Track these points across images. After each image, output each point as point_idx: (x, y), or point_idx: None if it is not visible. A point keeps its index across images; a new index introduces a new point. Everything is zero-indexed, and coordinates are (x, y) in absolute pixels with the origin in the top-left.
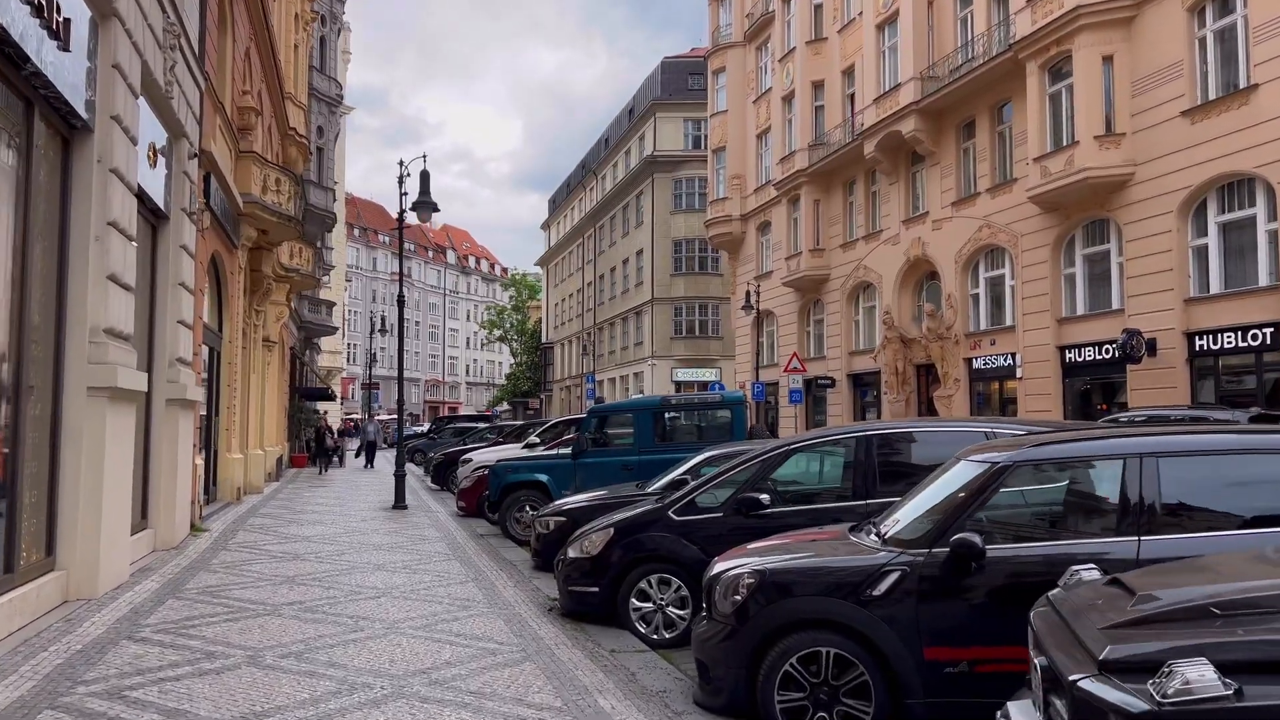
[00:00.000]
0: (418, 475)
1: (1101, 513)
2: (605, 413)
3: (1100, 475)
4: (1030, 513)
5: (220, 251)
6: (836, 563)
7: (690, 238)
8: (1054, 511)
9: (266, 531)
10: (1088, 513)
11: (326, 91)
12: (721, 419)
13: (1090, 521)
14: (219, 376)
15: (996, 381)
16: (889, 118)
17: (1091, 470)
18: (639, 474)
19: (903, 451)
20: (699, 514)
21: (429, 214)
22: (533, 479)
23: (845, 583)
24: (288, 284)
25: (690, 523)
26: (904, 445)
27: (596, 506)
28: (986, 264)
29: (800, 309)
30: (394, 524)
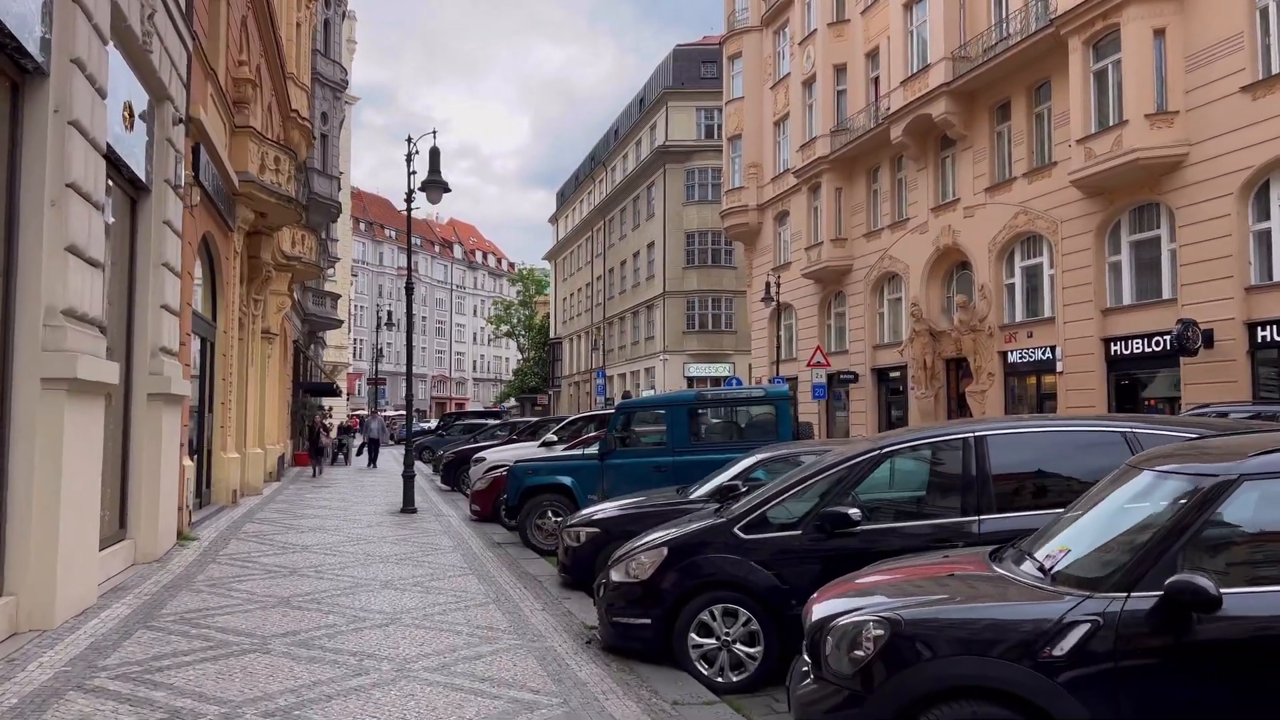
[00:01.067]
0: (426, 474)
1: None
2: (634, 409)
3: None
4: (1270, 546)
5: (213, 233)
6: (997, 611)
7: (703, 229)
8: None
9: (262, 540)
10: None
11: (331, 76)
12: (764, 416)
13: None
14: (212, 369)
15: (1034, 376)
16: (917, 100)
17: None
18: (673, 477)
19: (1023, 456)
20: (772, 531)
21: (439, 194)
22: (555, 482)
23: (1013, 638)
24: (289, 273)
25: (761, 542)
26: (1024, 449)
27: (634, 516)
28: (1023, 252)
29: (821, 301)
30: (402, 530)
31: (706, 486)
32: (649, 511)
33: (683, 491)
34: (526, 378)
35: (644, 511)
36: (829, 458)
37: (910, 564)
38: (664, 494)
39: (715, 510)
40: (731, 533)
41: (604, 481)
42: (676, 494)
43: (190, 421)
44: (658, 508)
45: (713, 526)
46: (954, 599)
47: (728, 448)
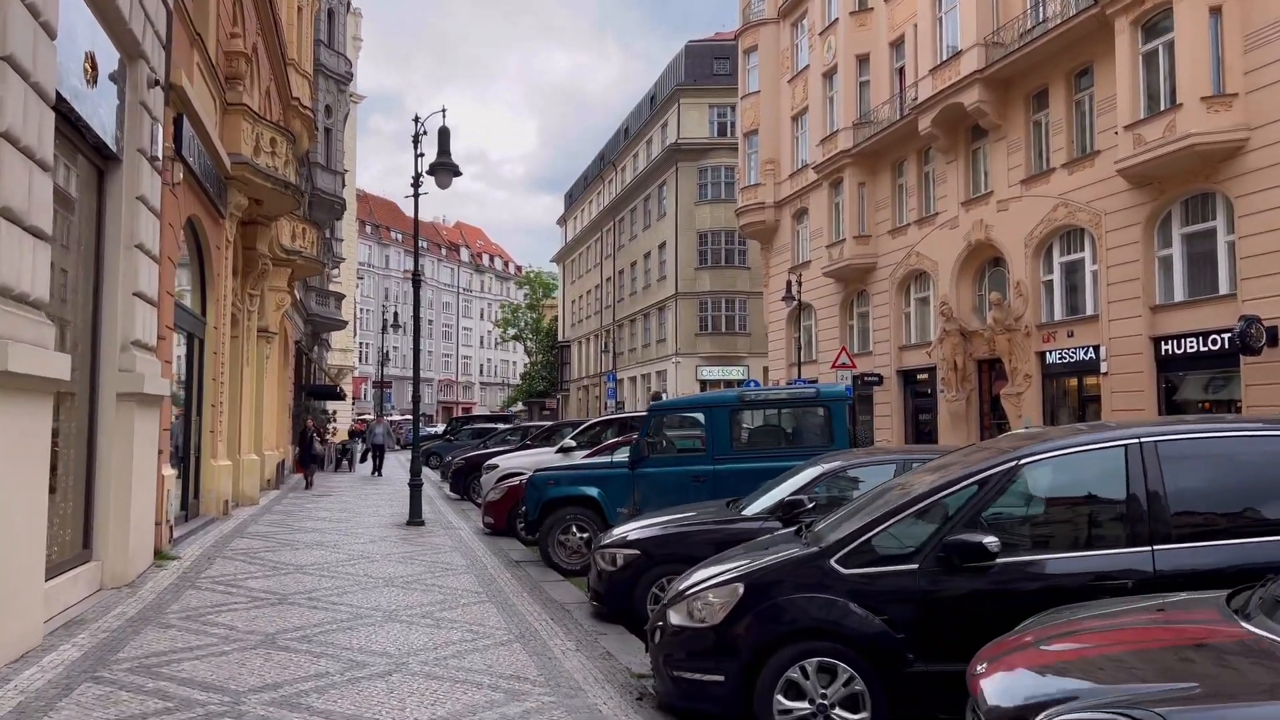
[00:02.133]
0: (433, 481)
1: None
2: (669, 411)
3: None
4: None
5: (201, 217)
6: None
7: (716, 229)
8: None
9: (252, 559)
10: None
11: (335, 68)
12: (816, 420)
13: None
14: (202, 368)
15: (1074, 377)
16: (948, 89)
17: None
18: (713, 488)
19: (1208, 467)
20: (880, 565)
21: (449, 178)
22: (580, 494)
23: None
24: (289, 268)
25: (867, 579)
26: (1209, 457)
27: (680, 536)
28: (1062, 247)
29: (843, 301)
30: (409, 546)
31: (764, 501)
32: (698, 531)
33: (733, 506)
34: (534, 382)
35: (692, 530)
36: (951, 470)
37: (1107, 617)
38: (711, 509)
39: (793, 533)
40: (826, 566)
41: (635, 493)
42: (726, 509)
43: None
44: (709, 527)
45: (801, 558)
46: (1226, 694)
47: (775, 455)
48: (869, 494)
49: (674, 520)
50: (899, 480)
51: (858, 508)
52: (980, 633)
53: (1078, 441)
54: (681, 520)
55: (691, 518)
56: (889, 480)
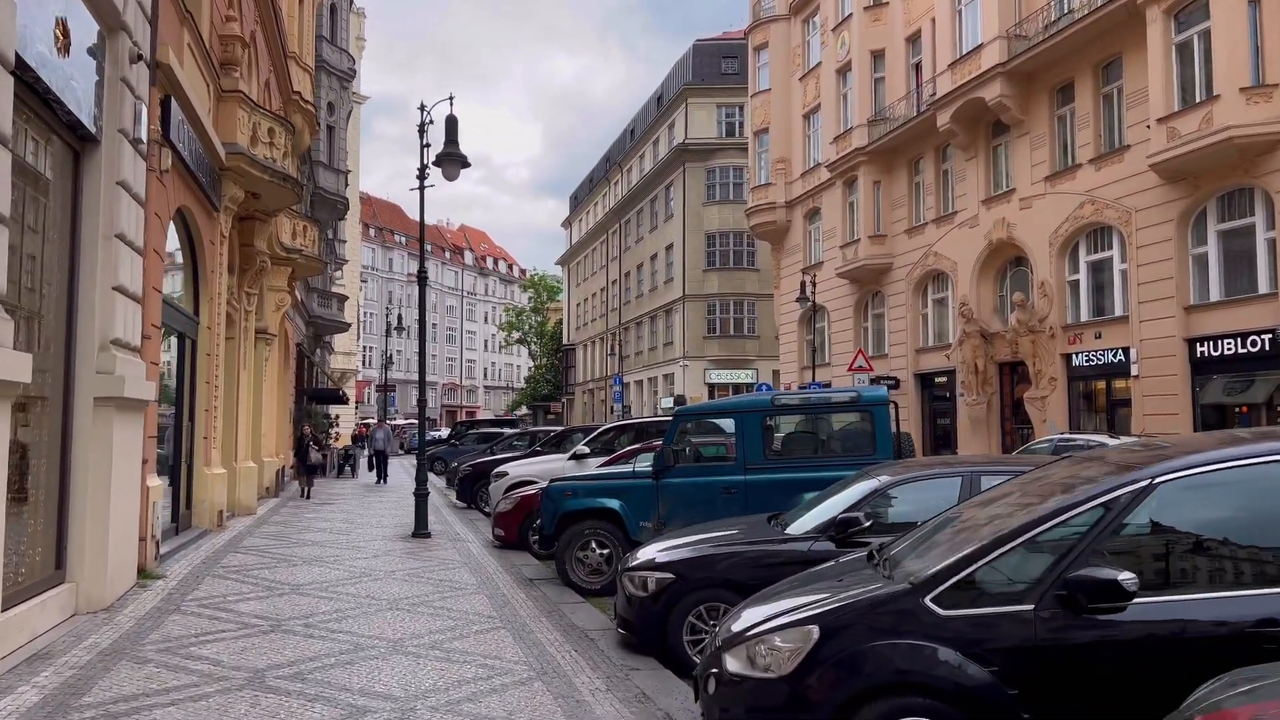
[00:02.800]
0: (438, 488)
1: None
2: (696, 416)
3: None
4: None
5: (192, 209)
6: None
7: (724, 230)
8: None
9: (244, 577)
10: None
11: (338, 65)
12: (856, 426)
13: None
14: (194, 371)
15: (1102, 380)
16: (968, 84)
17: None
18: (745, 500)
19: None
20: (986, 605)
21: (456, 169)
22: (600, 506)
23: None
24: (289, 267)
25: (972, 623)
26: None
27: (722, 559)
28: (1089, 245)
29: (857, 302)
30: (414, 562)
31: (811, 518)
32: (741, 552)
33: (775, 523)
34: (539, 385)
35: (734, 552)
36: (1059, 490)
37: None
38: (749, 526)
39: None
40: (919, 605)
41: (659, 506)
42: (768, 526)
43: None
44: (752, 547)
45: (888, 595)
46: None
47: (812, 465)
48: (944, 515)
49: (710, 539)
50: (980, 499)
51: (938, 532)
52: (1113, 689)
53: (1231, 455)
54: (719, 539)
55: (729, 536)
56: (966, 499)
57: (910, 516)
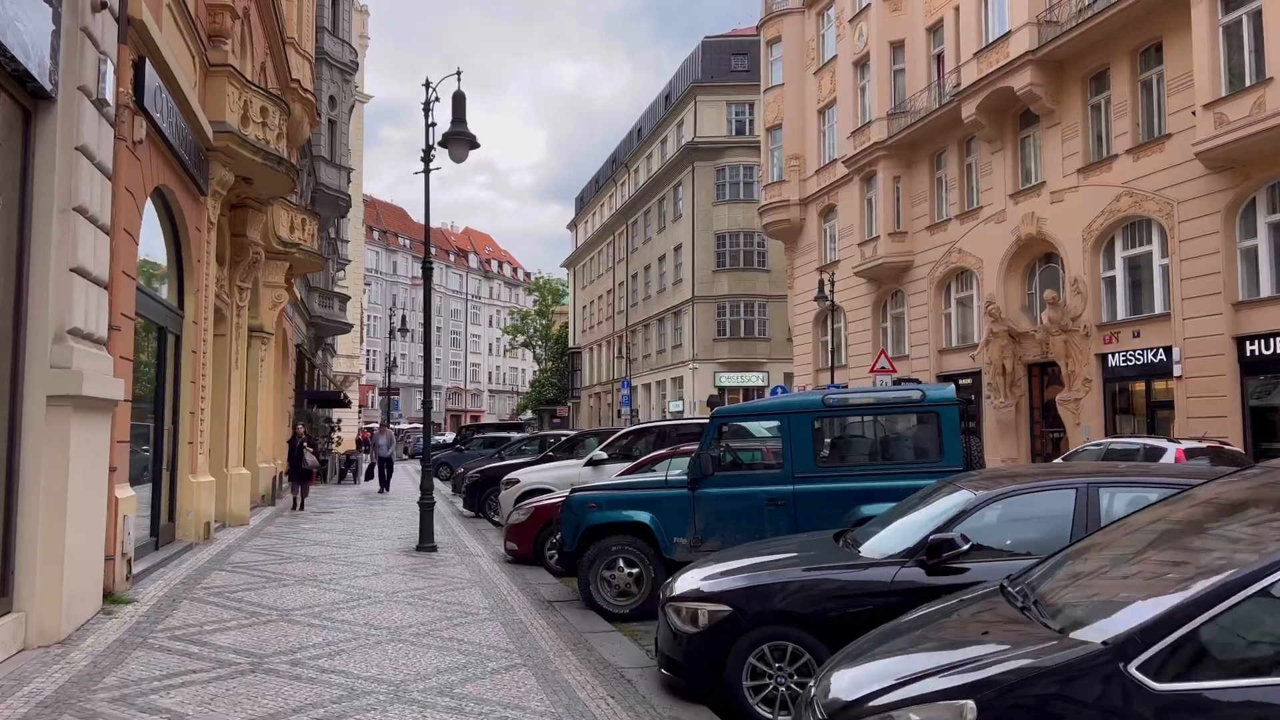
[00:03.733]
0: (443, 495)
1: None
2: (736, 418)
3: None
4: None
5: (175, 191)
6: None
7: (734, 230)
8: None
9: (227, 601)
10: None
11: (340, 57)
12: (920, 429)
13: None
14: (178, 369)
15: (1141, 381)
16: (995, 73)
17: None
18: (794, 514)
19: None
20: (1218, 676)
21: (464, 149)
22: (629, 519)
23: None
24: (287, 262)
25: (1200, 703)
26: None
27: (788, 588)
28: (1126, 240)
29: (875, 302)
30: (419, 580)
31: (890, 537)
32: (813, 580)
33: (844, 542)
34: (544, 389)
35: (804, 580)
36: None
37: None
38: (814, 545)
39: (997, 598)
40: (1119, 674)
41: (696, 519)
42: (835, 546)
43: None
44: (826, 574)
45: (1072, 660)
46: None
47: (871, 473)
48: (1091, 541)
49: (768, 562)
50: (1138, 520)
51: (1090, 564)
52: None
53: None
54: (779, 563)
55: (791, 559)
56: (1082, 516)
57: (1018, 539)
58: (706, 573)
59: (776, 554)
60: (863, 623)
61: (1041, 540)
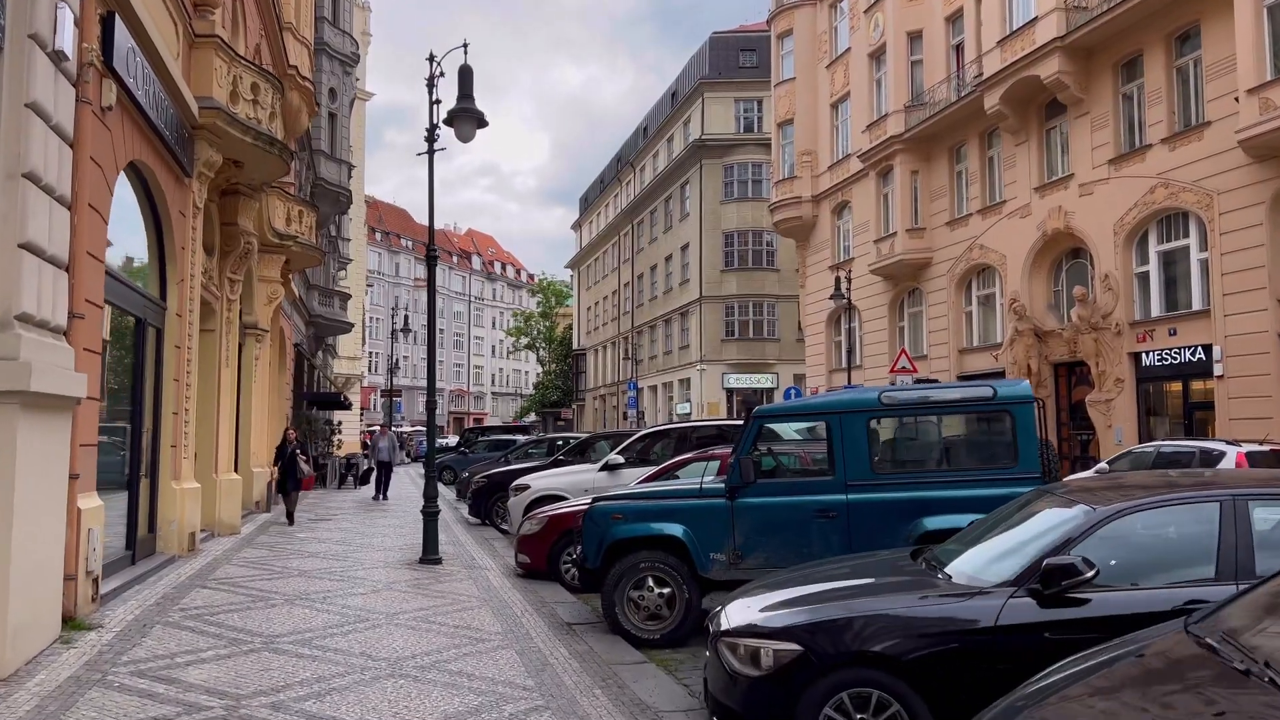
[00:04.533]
0: (448, 500)
1: None
2: (780, 418)
3: None
4: None
5: (153, 169)
6: None
7: (743, 229)
8: None
9: (206, 625)
10: None
11: (340, 48)
12: (991, 430)
13: None
14: (159, 366)
15: (1178, 381)
16: (1020, 61)
17: None
18: (848, 526)
19: None
20: None
21: (472, 128)
22: (659, 533)
23: None
24: (283, 256)
25: None
26: None
27: (868, 623)
28: (1160, 234)
29: (892, 301)
30: (423, 599)
31: (985, 558)
32: (898, 614)
33: (925, 563)
34: (548, 391)
35: (887, 614)
36: None
37: None
38: (887, 566)
39: (1197, 651)
40: None
41: (736, 533)
42: (918, 568)
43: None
44: (914, 607)
45: None
46: None
47: (935, 481)
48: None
49: (841, 590)
50: None
51: None
52: None
53: None
54: (855, 590)
55: (866, 584)
56: (1231, 534)
57: (1149, 565)
58: (764, 601)
59: (847, 578)
60: (963, 666)
61: (1178, 566)
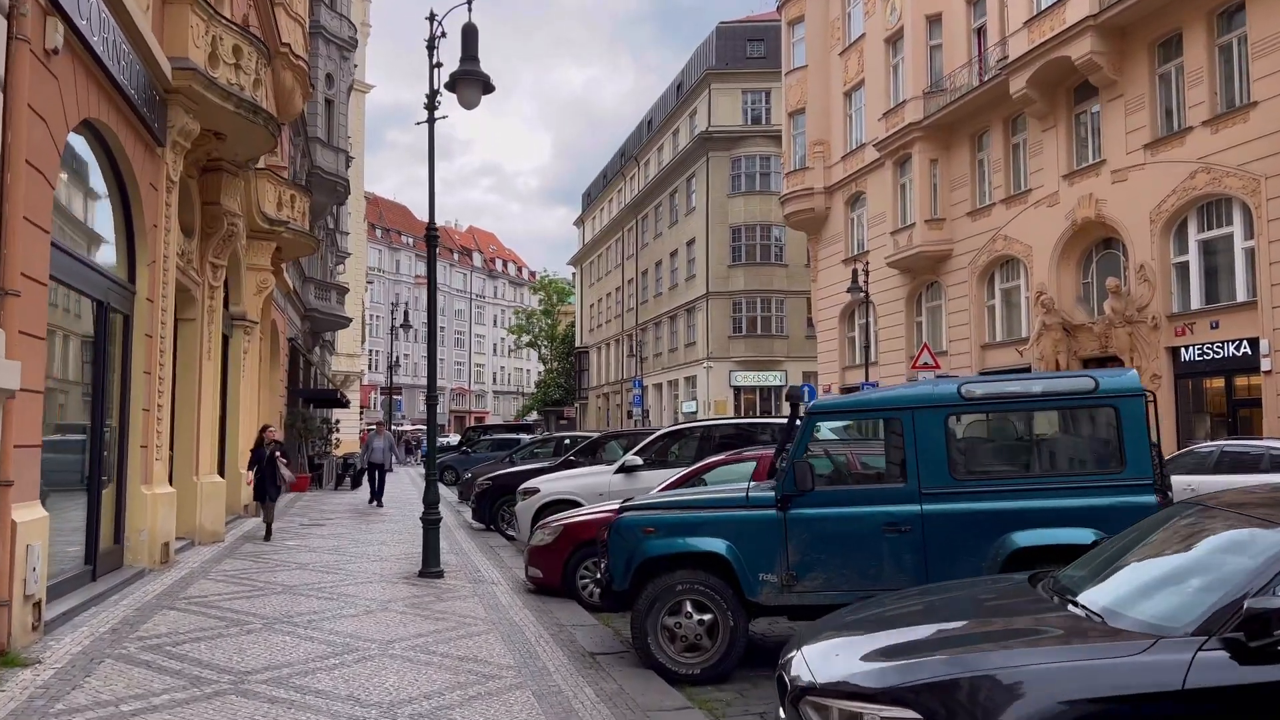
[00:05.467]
0: (450, 502)
1: None
2: (840, 414)
3: None
4: None
5: (115, 131)
6: None
7: (750, 223)
8: None
9: (165, 659)
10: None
11: (338, 32)
12: (1089, 429)
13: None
14: (126, 356)
15: (1220, 377)
16: (1049, 42)
17: None
18: (925, 543)
19: None
20: None
21: (477, 93)
22: (698, 549)
23: None
24: (274, 243)
25: None
26: None
27: (1009, 684)
28: (1201, 221)
29: (909, 294)
30: (422, 622)
31: (1146, 594)
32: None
33: (1055, 595)
34: (550, 390)
35: (1040, 670)
36: None
37: None
38: (1007, 597)
39: None
40: None
41: (789, 550)
42: (1046, 598)
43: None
44: (1061, 661)
45: None
46: None
47: (1025, 489)
48: None
49: (957, 633)
50: None
51: None
52: None
53: None
54: (974, 632)
55: (991, 627)
56: None
57: None
58: (858, 646)
59: (961, 615)
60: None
61: None
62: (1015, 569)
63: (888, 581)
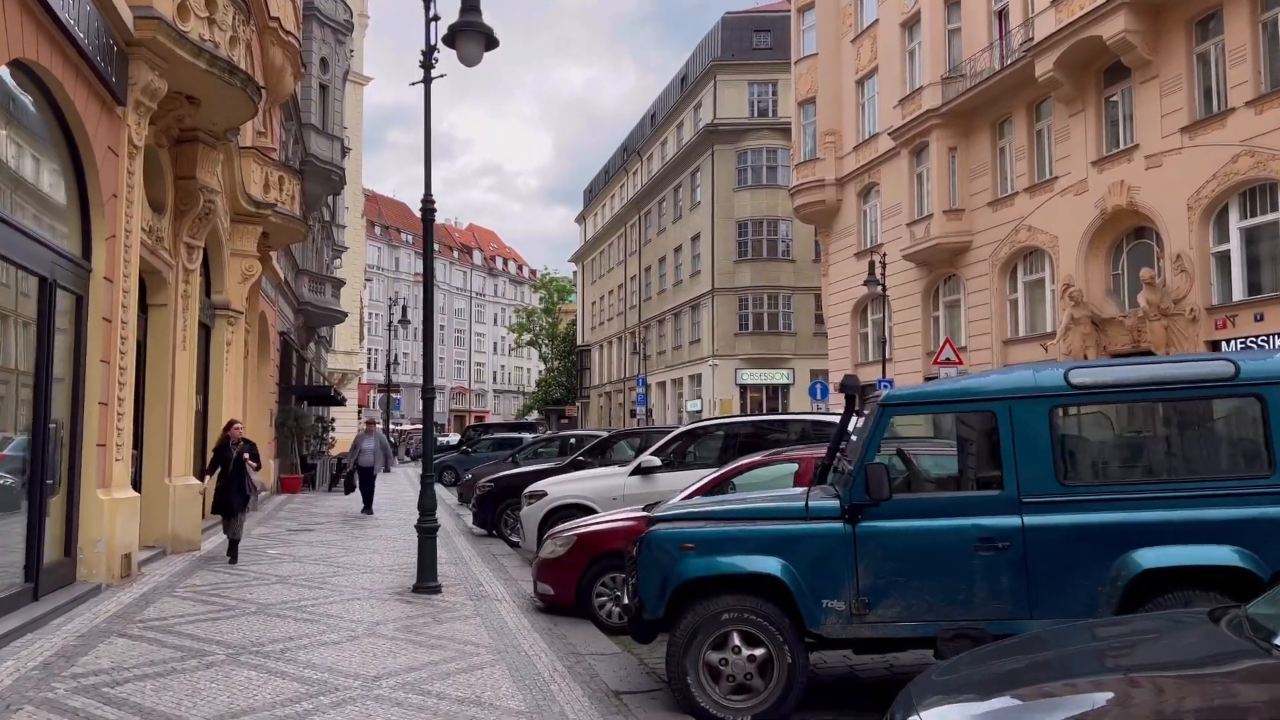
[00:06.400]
0: (449, 505)
1: None
2: (918, 406)
3: None
4: None
5: (59, 78)
6: None
7: (757, 218)
8: None
9: (98, 709)
10: None
11: (333, 15)
12: (1227, 424)
13: None
14: (79, 344)
15: None
16: (1079, 21)
17: None
18: (1027, 563)
19: None
20: None
21: (479, 50)
22: (748, 570)
23: None
24: (259, 226)
25: None
26: None
27: None
28: (1243, 208)
29: (926, 288)
30: (416, 650)
31: None
32: None
33: (1253, 638)
34: (551, 389)
35: None
36: None
37: None
38: (1176, 632)
39: None
40: None
41: (860, 572)
42: (1244, 643)
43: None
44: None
45: None
46: None
47: (1150, 497)
48: None
49: (1142, 695)
50: None
51: None
52: None
53: None
54: (1163, 690)
55: (1187, 679)
56: None
57: None
58: (1001, 711)
59: (1137, 667)
60: None
61: None
62: (1138, 594)
63: (980, 609)
